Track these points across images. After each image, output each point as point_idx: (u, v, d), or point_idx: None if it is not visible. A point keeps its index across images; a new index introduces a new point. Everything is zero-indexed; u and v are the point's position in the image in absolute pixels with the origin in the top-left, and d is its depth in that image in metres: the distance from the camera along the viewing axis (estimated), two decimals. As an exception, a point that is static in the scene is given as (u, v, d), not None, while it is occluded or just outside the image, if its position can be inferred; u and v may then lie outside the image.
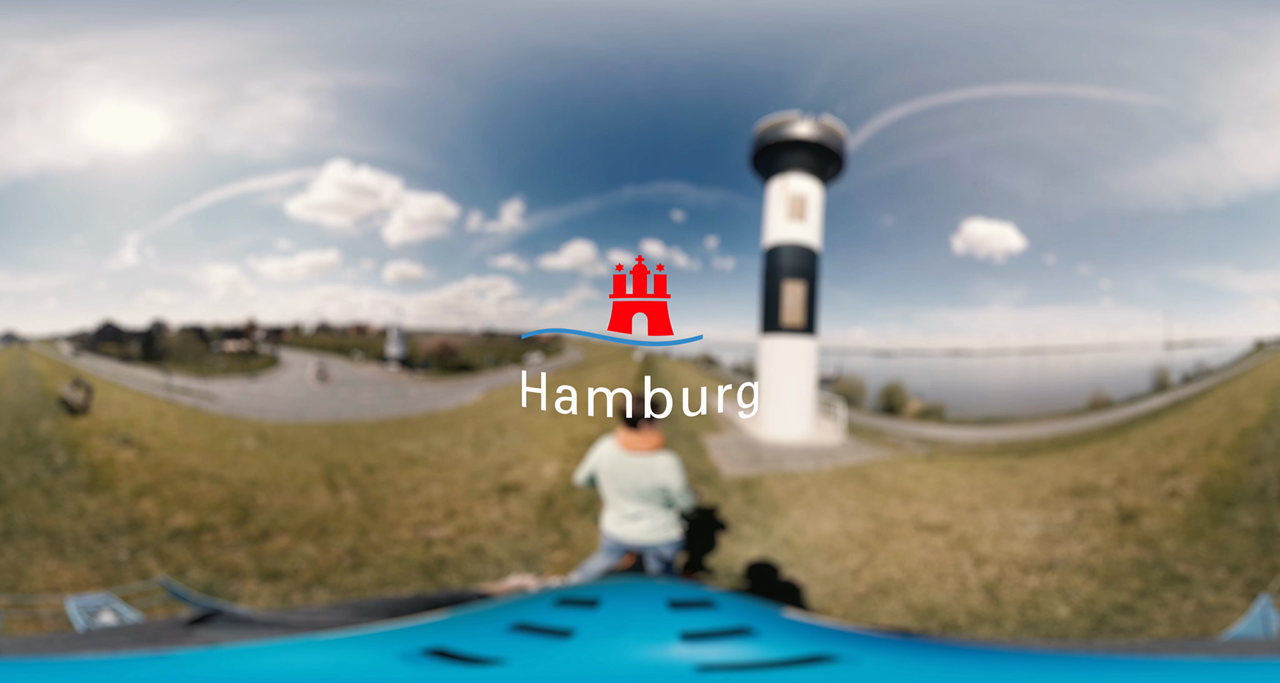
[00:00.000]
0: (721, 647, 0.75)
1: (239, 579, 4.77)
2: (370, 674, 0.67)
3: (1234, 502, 5.74)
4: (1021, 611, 4.10)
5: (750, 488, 8.12)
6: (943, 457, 11.73)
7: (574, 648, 0.75)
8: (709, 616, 0.86)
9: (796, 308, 13.34)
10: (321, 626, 0.85)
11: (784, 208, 13.47)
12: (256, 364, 24.99)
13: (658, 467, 3.01)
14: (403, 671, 0.66)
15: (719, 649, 0.74)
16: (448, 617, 0.94)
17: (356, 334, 32.41)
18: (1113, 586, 4.32)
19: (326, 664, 0.69)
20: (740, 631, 0.79)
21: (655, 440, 3.06)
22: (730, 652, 0.73)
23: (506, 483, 7.53)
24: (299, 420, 16.28)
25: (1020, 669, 0.69)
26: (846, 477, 9.32)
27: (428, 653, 0.69)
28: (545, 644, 0.75)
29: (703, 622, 0.82)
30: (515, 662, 0.69)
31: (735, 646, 0.75)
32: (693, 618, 0.85)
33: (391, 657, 0.69)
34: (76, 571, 4.61)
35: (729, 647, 0.75)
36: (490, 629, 0.85)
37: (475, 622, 0.92)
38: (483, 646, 0.73)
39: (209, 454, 8.87)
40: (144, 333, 25.44)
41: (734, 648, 0.75)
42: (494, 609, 1.00)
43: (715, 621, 0.83)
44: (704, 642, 0.75)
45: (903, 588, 4.67)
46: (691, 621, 0.83)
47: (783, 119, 13.99)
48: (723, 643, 0.76)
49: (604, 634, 0.81)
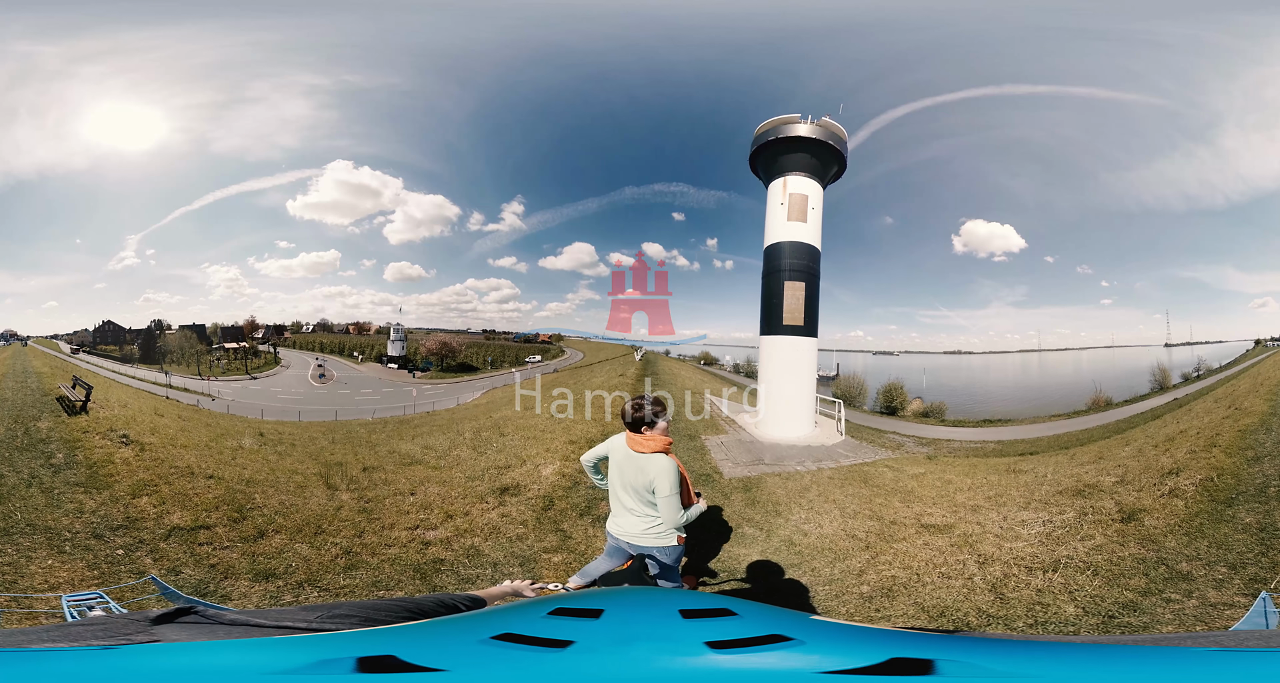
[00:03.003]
0: (758, 656, 0.69)
1: (231, 578, 4.73)
2: (258, 678, 0.62)
3: (1234, 500, 5.72)
4: (1030, 610, 4.08)
5: (752, 488, 8.09)
6: (943, 457, 11.70)
7: (565, 660, 0.68)
8: (731, 624, 0.80)
9: (797, 308, 13.32)
10: (286, 627, 0.81)
11: (784, 208, 13.46)
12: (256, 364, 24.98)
13: (652, 467, 3.03)
14: (301, 678, 0.61)
15: (755, 658, 0.68)
16: (419, 624, 0.88)
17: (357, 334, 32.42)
18: (1117, 584, 4.30)
19: (233, 664, 0.65)
20: (773, 639, 0.72)
21: (657, 443, 3.07)
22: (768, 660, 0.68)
23: (505, 484, 7.50)
24: (297, 420, 16.24)
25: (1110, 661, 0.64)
26: (848, 477, 9.29)
27: (363, 661, 0.64)
28: (528, 655, 0.69)
29: (725, 631, 0.75)
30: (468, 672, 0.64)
31: (774, 654, 0.69)
32: (712, 627, 0.79)
33: (307, 662, 0.64)
34: (74, 568, 4.59)
35: (766, 656, 0.69)
36: (465, 639, 0.78)
37: (451, 630, 0.86)
38: (447, 657, 0.67)
39: (207, 453, 8.84)
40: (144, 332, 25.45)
41: (772, 657, 0.69)
42: (476, 617, 0.94)
43: (740, 629, 0.76)
44: (736, 651, 0.69)
45: (909, 589, 4.64)
46: (712, 630, 0.77)
47: (783, 120, 13.99)
48: (759, 652, 0.69)
49: (608, 645, 0.74)
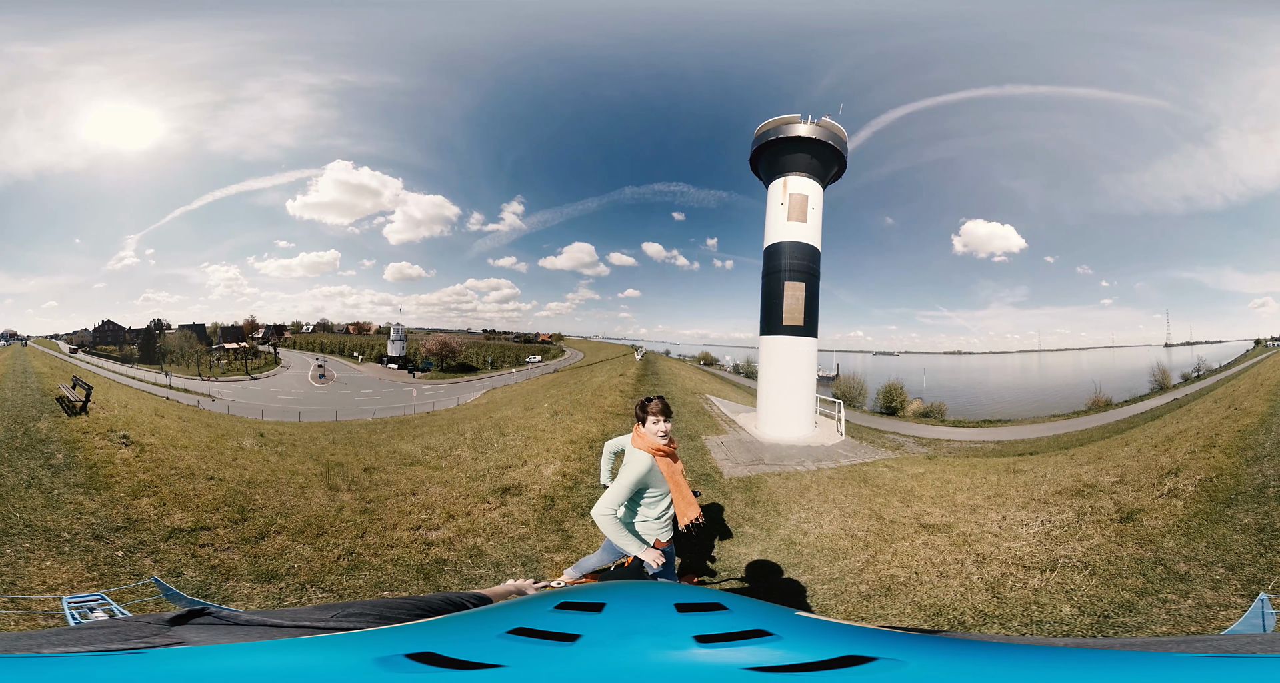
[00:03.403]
0: (739, 650, 0.72)
1: (233, 580, 4.74)
2: (342, 678, 0.64)
3: (1233, 500, 5.73)
4: (1025, 609, 4.09)
5: (752, 488, 8.10)
6: (943, 457, 11.72)
7: (579, 652, 0.72)
8: (721, 618, 0.84)
9: (796, 308, 13.33)
10: (304, 627, 0.83)
11: (784, 209, 13.47)
12: (256, 364, 24.98)
13: (628, 458, 3.18)
14: (379, 675, 0.63)
15: (737, 653, 0.71)
16: (438, 620, 0.91)
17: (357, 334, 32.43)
18: (1114, 584, 4.31)
19: (296, 666, 0.66)
20: (757, 634, 0.76)
21: (642, 441, 3.20)
22: (748, 655, 0.71)
23: (506, 484, 7.51)
24: (298, 420, 16.25)
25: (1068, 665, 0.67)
26: (847, 477, 9.31)
27: (410, 657, 0.67)
28: (546, 649, 0.72)
29: (715, 625, 0.79)
30: (512, 667, 0.67)
31: (754, 649, 0.72)
32: (704, 621, 0.82)
33: (368, 661, 0.66)
34: (73, 569, 4.59)
35: (749, 650, 0.72)
36: (484, 634, 0.82)
37: (468, 626, 0.89)
38: (474, 651, 0.70)
39: (207, 454, 8.85)
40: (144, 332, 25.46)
41: (753, 651, 0.72)
42: (489, 613, 0.97)
43: (729, 623, 0.80)
44: (720, 645, 0.73)
45: (907, 588, 4.65)
46: (703, 624, 0.80)
47: (783, 120, 13.99)
48: (741, 646, 0.73)
49: (612, 639, 0.78)
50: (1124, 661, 0.68)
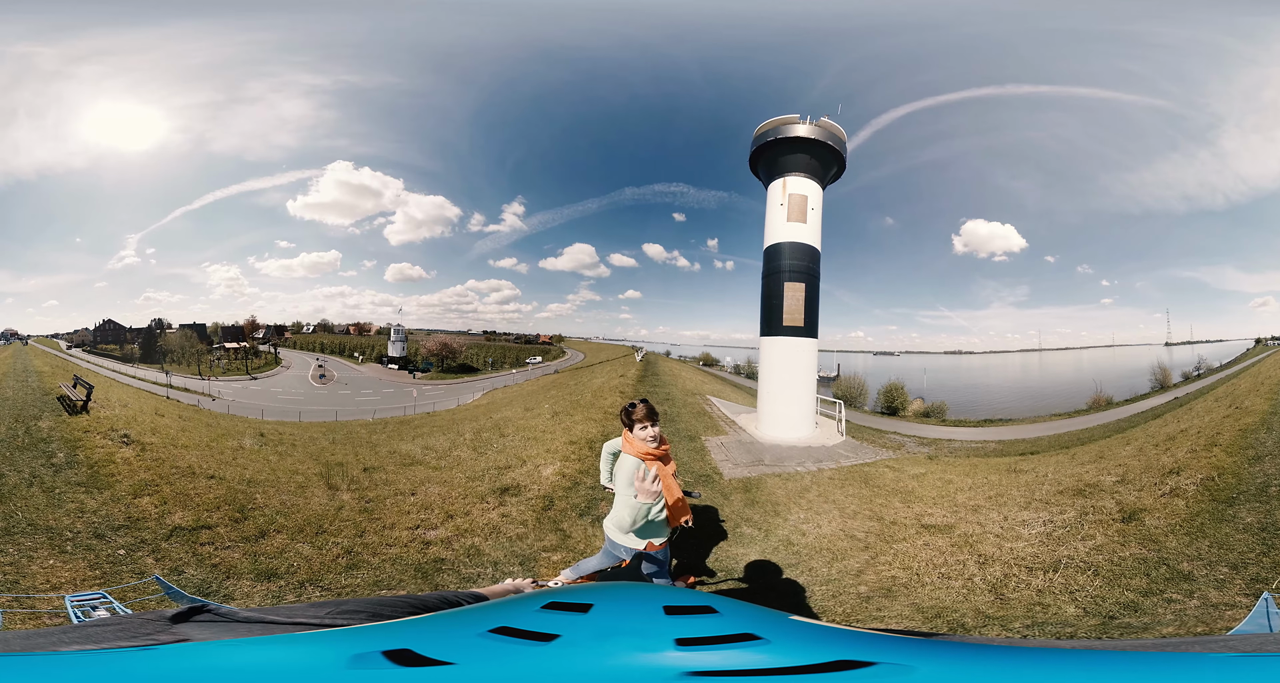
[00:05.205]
0: (722, 654, 0.71)
1: (233, 578, 4.74)
2: (311, 674, 0.64)
3: (1236, 500, 5.72)
4: (1029, 610, 4.07)
5: (751, 489, 8.09)
6: (944, 457, 11.70)
7: (550, 653, 0.71)
8: (709, 621, 0.83)
9: (797, 309, 13.32)
10: (300, 624, 0.83)
11: (784, 209, 13.46)
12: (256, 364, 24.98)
13: (619, 464, 3.27)
14: (346, 673, 0.64)
15: (719, 656, 0.70)
16: (424, 618, 0.91)
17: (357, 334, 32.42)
18: (1117, 584, 4.29)
19: (271, 661, 0.67)
20: (745, 637, 0.75)
21: (630, 446, 3.23)
22: (732, 658, 0.70)
23: (505, 484, 7.50)
24: (298, 420, 16.24)
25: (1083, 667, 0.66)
26: (848, 477, 9.29)
27: (387, 654, 0.67)
28: (519, 648, 0.71)
29: (702, 628, 0.78)
30: (464, 664, 0.66)
31: (739, 652, 0.71)
32: (691, 624, 0.81)
33: (344, 657, 0.66)
34: (75, 568, 4.59)
35: (731, 654, 0.71)
36: (465, 632, 0.81)
37: (452, 624, 0.89)
38: (448, 649, 0.70)
39: (208, 453, 8.85)
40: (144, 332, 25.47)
41: (737, 655, 0.71)
42: (475, 611, 0.97)
43: (716, 627, 0.79)
44: (703, 649, 0.72)
45: (908, 589, 4.64)
46: (689, 626, 0.79)
47: (782, 121, 13.98)
48: (724, 650, 0.72)
49: (589, 640, 0.78)
50: (1139, 662, 0.67)
